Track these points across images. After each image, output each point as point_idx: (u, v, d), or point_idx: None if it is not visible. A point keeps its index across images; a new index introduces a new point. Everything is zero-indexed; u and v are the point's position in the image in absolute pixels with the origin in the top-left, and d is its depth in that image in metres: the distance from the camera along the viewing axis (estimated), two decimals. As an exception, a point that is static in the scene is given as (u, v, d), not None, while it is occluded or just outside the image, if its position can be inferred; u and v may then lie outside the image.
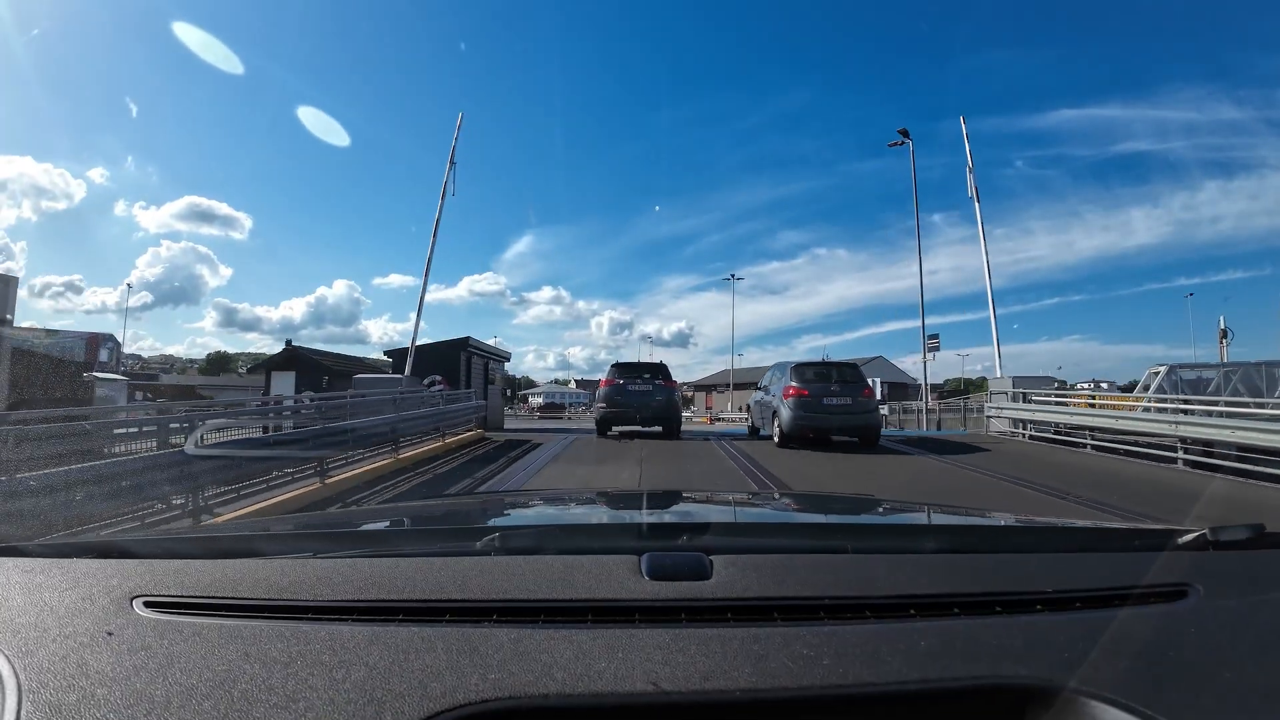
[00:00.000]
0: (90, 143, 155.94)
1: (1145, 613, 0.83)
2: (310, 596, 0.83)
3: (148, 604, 0.82)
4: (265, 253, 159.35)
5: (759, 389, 12.81)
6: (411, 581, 0.85)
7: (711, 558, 0.90)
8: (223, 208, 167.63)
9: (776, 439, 10.72)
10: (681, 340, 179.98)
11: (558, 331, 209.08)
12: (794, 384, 10.52)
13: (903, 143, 21.38)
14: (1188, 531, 1.05)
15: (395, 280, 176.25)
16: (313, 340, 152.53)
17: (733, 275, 46.90)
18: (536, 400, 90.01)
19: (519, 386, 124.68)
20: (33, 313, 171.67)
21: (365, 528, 1.45)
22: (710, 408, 52.93)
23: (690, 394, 48.57)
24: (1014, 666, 0.70)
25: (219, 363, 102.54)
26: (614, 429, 10.96)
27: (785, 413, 10.41)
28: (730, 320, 75.18)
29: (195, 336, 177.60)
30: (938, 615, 0.81)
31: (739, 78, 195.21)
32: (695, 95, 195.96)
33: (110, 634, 0.75)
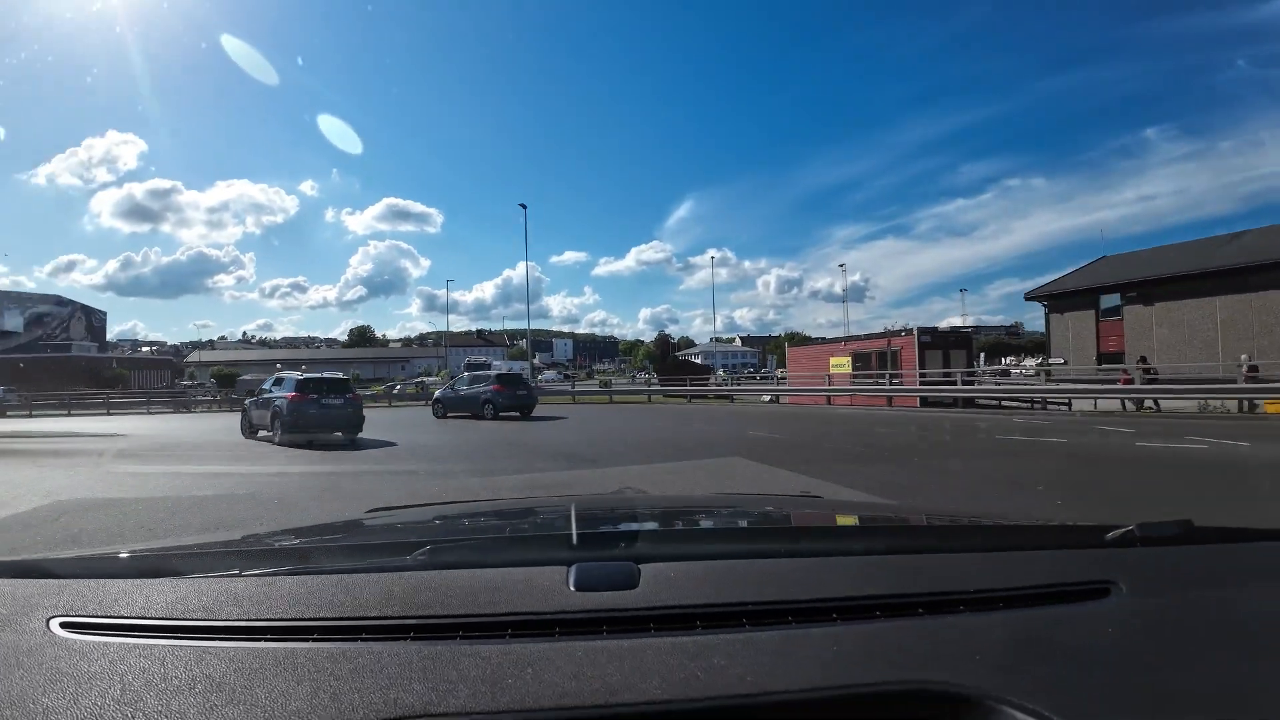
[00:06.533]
0: (298, 161, 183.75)
1: (1065, 612, 0.85)
2: (227, 616, 0.83)
3: (65, 625, 0.82)
4: (456, 242, 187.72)
5: (454, 390, 22.50)
6: (333, 599, 0.86)
7: (641, 566, 0.90)
8: (416, 206, 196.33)
9: (490, 416, 19.79)
10: (856, 294, 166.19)
11: (723, 294, 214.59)
12: (497, 384, 20.84)
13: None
14: (1115, 528, 1.08)
15: (569, 257, 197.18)
16: (502, 318, 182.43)
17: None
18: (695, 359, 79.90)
19: (677, 347, 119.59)
20: (264, 311, 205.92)
21: (291, 544, 1.41)
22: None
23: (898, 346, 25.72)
24: (928, 670, 0.71)
25: (361, 337, 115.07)
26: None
27: (498, 399, 20.08)
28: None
29: (404, 321, 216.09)
30: (859, 618, 0.82)
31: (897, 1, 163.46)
32: (849, 27, 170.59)
33: (25, 655, 0.76)
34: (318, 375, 15.55)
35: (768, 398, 29.44)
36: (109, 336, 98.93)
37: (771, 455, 9.92)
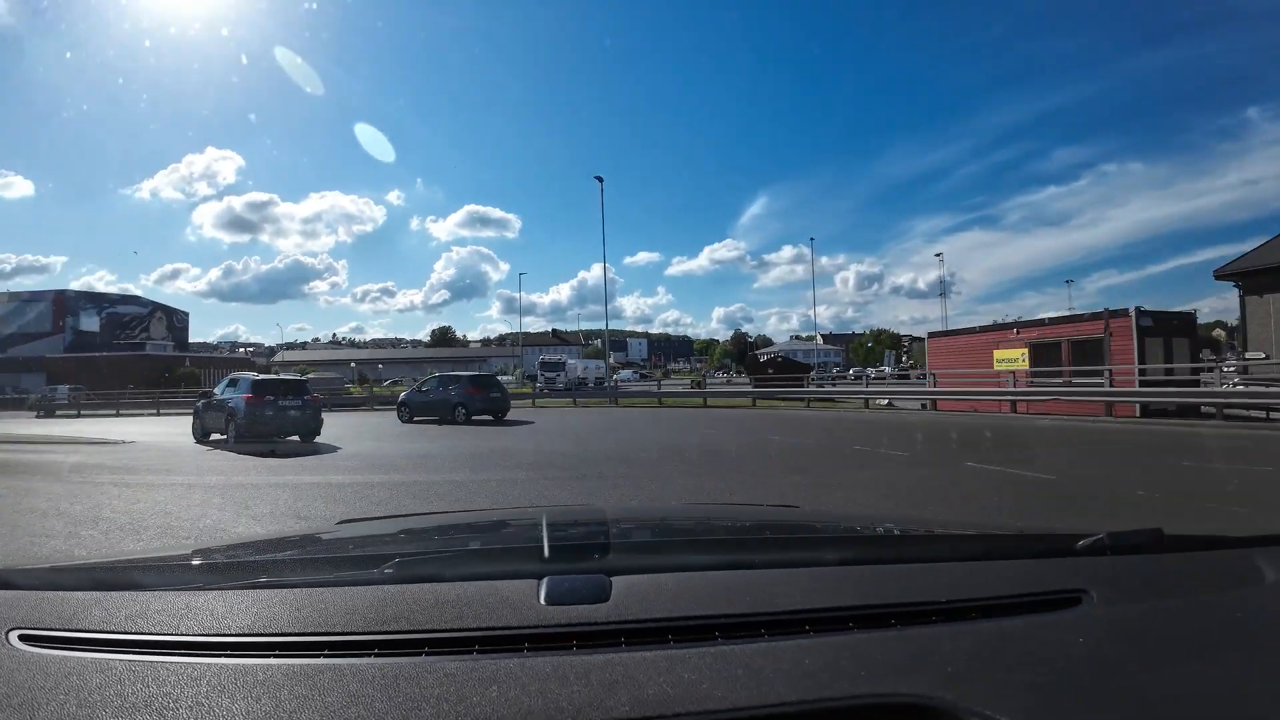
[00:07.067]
0: (385, 172, 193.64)
1: (1038, 621, 0.84)
2: (189, 632, 0.82)
3: (23, 638, 0.82)
4: (534, 246, 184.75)
5: (421, 391, 20.99)
6: (296, 614, 0.85)
7: (613, 579, 0.89)
8: (495, 212, 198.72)
9: (462, 420, 18.75)
10: (940, 289, 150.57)
11: (799, 292, 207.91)
12: (470, 387, 19.84)
13: None
14: (1087, 536, 1.07)
15: (643, 258, 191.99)
16: (578, 318, 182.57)
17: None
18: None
19: (754, 346, 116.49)
20: (356, 315, 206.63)
21: (255, 557, 1.35)
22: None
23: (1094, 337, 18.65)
24: (898, 682, 0.70)
25: (442, 338, 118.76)
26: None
27: (471, 402, 19.25)
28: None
29: (485, 324, 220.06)
30: (832, 630, 0.81)
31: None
32: (927, 7, 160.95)
33: None
34: (274, 377, 15.19)
35: (885, 401, 23.34)
36: (211, 339, 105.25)
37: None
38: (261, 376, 14.77)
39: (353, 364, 76.10)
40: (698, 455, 10.31)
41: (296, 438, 13.41)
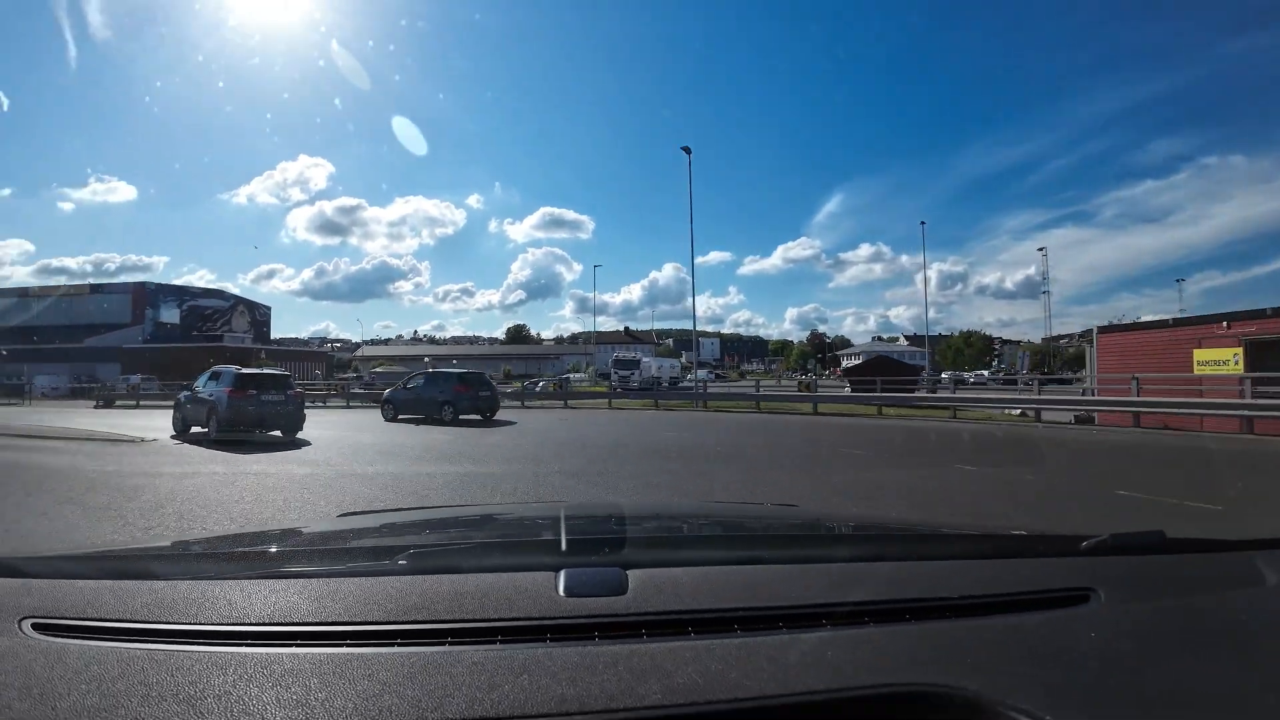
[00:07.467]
0: (466, 176, 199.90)
1: (1049, 618, 0.86)
2: (207, 621, 0.82)
3: (36, 626, 0.81)
4: (607, 247, 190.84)
5: (407, 389, 19.95)
6: (316, 604, 0.85)
7: (629, 572, 0.90)
8: (569, 214, 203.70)
9: (450, 419, 18.13)
10: (1030, 290, 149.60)
11: (877, 291, 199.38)
12: (459, 384, 19.03)
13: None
14: (1091, 537, 1.09)
15: (715, 257, 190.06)
16: (651, 319, 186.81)
17: None
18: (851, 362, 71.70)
19: (833, 347, 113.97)
20: (437, 314, 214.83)
21: (270, 548, 1.36)
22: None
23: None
24: (919, 674, 0.72)
25: (516, 335, 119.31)
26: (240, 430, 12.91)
27: (459, 400, 18.57)
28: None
29: (559, 323, 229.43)
30: (849, 624, 0.83)
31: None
32: None
33: None
34: (258, 371, 14.74)
35: (1018, 411, 18.89)
36: (303, 335, 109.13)
37: None
38: (245, 370, 14.35)
39: (426, 360, 75.75)
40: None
41: (278, 433, 13.40)
